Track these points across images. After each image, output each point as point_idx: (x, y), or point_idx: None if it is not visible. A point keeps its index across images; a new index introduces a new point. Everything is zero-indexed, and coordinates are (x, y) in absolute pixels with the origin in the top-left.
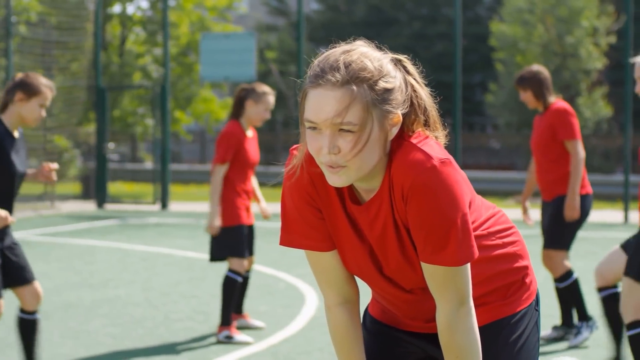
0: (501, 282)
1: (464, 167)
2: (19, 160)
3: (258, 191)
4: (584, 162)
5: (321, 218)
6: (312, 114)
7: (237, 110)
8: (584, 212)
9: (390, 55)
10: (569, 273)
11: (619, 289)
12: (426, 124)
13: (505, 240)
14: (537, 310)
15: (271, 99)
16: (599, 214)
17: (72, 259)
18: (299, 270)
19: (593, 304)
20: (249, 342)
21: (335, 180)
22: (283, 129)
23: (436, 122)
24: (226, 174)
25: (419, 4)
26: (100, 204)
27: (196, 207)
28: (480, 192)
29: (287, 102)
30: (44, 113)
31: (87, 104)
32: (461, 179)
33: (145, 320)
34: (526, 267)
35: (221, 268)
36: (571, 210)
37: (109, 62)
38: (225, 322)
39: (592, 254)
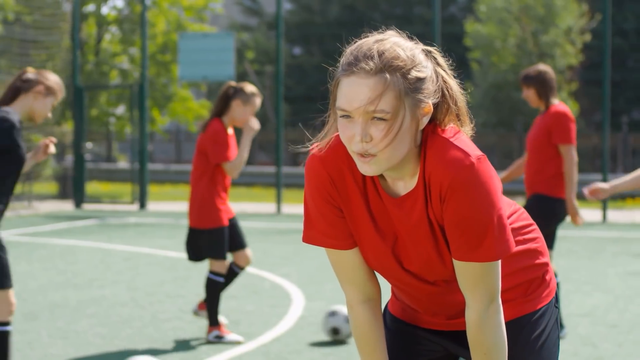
0: (523, 278)
1: None
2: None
3: None
4: (577, 167)
5: (341, 216)
6: (345, 102)
7: (221, 108)
8: (563, 213)
9: (421, 45)
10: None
11: None
12: (457, 117)
13: (527, 236)
14: (557, 308)
15: (258, 101)
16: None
17: (54, 259)
18: (282, 269)
19: (577, 303)
20: (240, 341)
21: (367, 169)
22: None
23: (465, 115)
24: (210, 173)
25: (393, 4)
26: (78, 203)
27: (174, 206)
28: None
29: (264, 103)
30: (50, 114)
31: (64, 104)
32: (495, 175)
33: (133, 320)
34: (546, 264)
35: (205, 267)
36: (574, 216)
37: (85, 61)
38: (214, 322)
39: (573, 252)
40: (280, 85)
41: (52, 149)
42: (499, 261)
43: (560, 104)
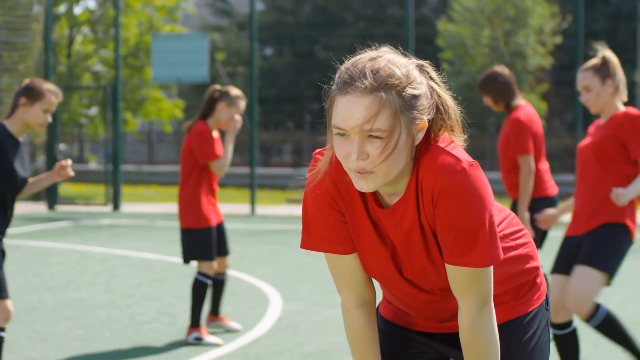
0: (514, 282)
1: None
2: (21, 165)
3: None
4: (533, 176)
5: (343, 221)
6: (341, 121)
7: (207, 111)
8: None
9: (414, 60)
10: None
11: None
12: (451, 129)
13: (518, 242)
14: (548, 310)
15: (243, 103)
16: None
17: (29, 261)
18: (259, 271)
19: None
20: (219, 343)
21: (363, 185)
22: None
23: (459, 127)
24: (195, 173)
25: (364, 5)
26: (52, 205)
27: (148, 208)
28: None
29: None
30: (49, 118)
31: None
32: (486, 181)
33: (112, 322)
34: (537, 268)
35: (182, 269)
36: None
37: (57, 62)
38: (195, 324)
39: (547, 253)
40: (254, 87)
41: (70, 172)
42: (491, 267)
43: (521, 107)
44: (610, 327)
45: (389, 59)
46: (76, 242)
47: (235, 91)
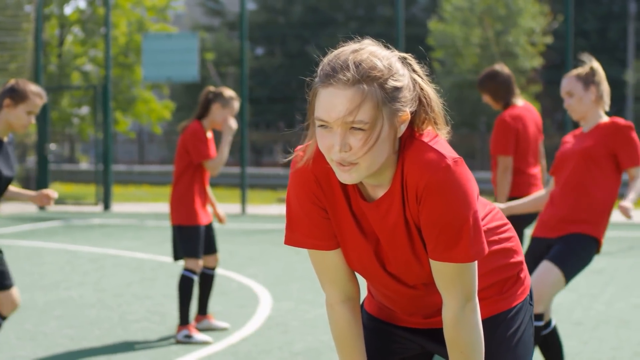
0: (498, 277)
1: None
2: (5, 164)
3: (211, 195)
4: (510, 175)
5: (326, 217)
6: (324, 113)
7: (202, 112)
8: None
9: (397, 53)
10: None
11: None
12: (434, 122)
13: (502, 236)
14: (532, 305)
15: (237, 104)
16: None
17: (20, 261)
18: (249, 270)
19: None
20: (209, 341)
21: (346, 177)
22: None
23: (442, 119)
24: (189, 173)
25: (355, 4)
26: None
27: (139, 208)
28: None
29: None
30: (32, 120)
31: None
32: (471, 177)
33: (101, 321)
34: (521, 263)
35: (172, 268)
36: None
37: (47, 62)
38: (184, 321)
39: None
40: (244, 86)
41: (51, 204)
42: (475, 262)
43: (512, 107)
44: (550, 342)
45: (371, 51)
46: (66, 242)
47: (229, 92)
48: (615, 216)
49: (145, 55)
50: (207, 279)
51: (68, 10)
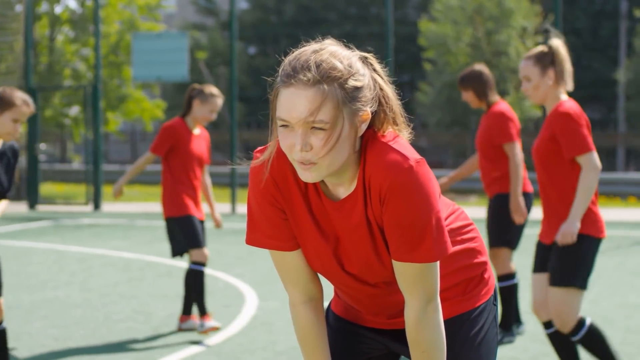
0: (461, 277)
1: None
2: None
3: (211, 196)
4: (523, 163)
5: (285, 218)
6: (285, 113)
7: (186, 109)
8: (528, 210)
9: (358, 53)
10: (510, 275)
11: None
12: (394, 121)
13: (465, 236)
14: (495, 305)
15: (218, 101)
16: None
17: (8, 261)
18: (236, 270)
19: (529, 300)
20: (218, 326)
21: (307, 176)
22: (213, 129)
23: (402, 120)
24: (168, 167)
25: (348, 4)
26: (32, 205)
27: (129, 207)
28: None
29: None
30: (19, 128)
31: None
32: (433, 178)
33: (86, 321)
34: (485, 263)
35: (159, 268)
36: (516, 213)
37: (38, 62)
38: (202, 311)
39: (525, 250)
40: (234, 85)
41: None
42: (437, 262)
43: (500, 102)
44: (592, 341)
45: (332, 52)
46: (55, 242)
47: (210, 89)
48: (603, 215)
49: (135, 55)
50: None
51: (58, 9)
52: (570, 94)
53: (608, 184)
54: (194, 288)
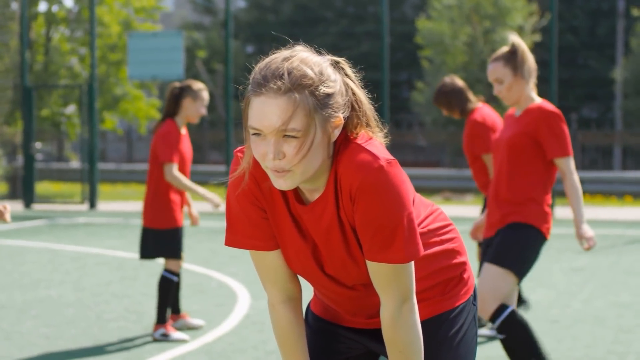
0: (440, 278)
1: None
2: None
3: (189, 195)
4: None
5: (265, 218)
6: (256, 122)
7: (173, 109)
8: None
9: (329, 58)
10: None
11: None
12: (367, 125)
13: (444, 237)
14: (475, 305)
15: (206, 94)
16: None
17: (2, 260)
18: (230, 269)
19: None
20: (185, 339)
21: (281, 184)
22: (211, 128)
23: (375, 123)
24: (160, 172)
25: (346, 3)
26: (28, 204)
27: (125, 206)
28: None
29: (215, 102)
30: None
31: (14, 104)
32: (406, 179)
33: (78, 320)
34: (464, 263)
35: (153, 267)
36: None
37: (34, 61)
38: (161, 320)
39: None
40: (229, 83)
41: (8, 218)
42: (412, 262)
43: (478, 109)
44: (512, 330)
45: (302, 59)
46: (50, 241)
47: (197, 84)
48: (599, 214)
49: (130, 54)
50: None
51: (56, 7)
52: (567, 93)
53: (605, 183)
54: (160, 294)
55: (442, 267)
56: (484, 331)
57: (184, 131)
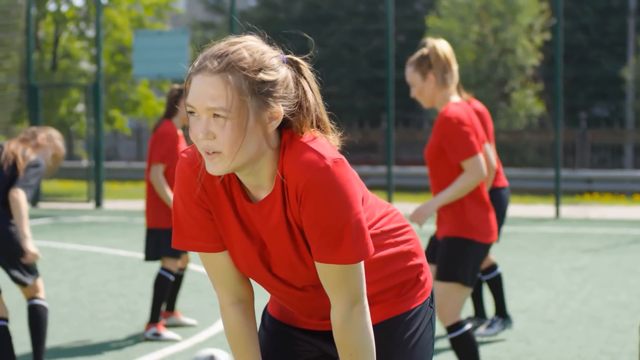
0: (396, 280)
1: (400, 162)
2: None
3: None
4: (498, 162)
5: (211, 219)
6: (191, 99)
7: (171, 110)
8: (503, 205)
9: (280, 53)
10: (492, 267)
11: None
12: (317, 126)
13: (399, 239)
14: (432, 308)
15: None
16: (530, 209)
17: None
18: None
19: (518, 299)
20: (177, 339)
21: (212, 167)
22: None
23: (327, 126)
24: (163, 174)
25: (357, 1)
26: (34, 202)
27: (130, 205)
28: (417, 188)
29: None
30: None
31: (20, 102)
32: (353, 178)
33: (72, 319)
34: (421, 265)
35: (151, 266)
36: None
37: (43, 60)
38: (154, 319)
39: (522, 248)
40: None
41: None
42: (361, 263)
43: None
44: (463, 345)
45: (247, 45)
46: (53, 240)
47: None
48: (606, 212)
49: (136, 53)
50: (177, 278)
51: (65, 7)
52: (577, 91)
53: (615, 182)
54: (155, 292)
55: (397, 270)
56: (480, 330)
57: (180, 132)
